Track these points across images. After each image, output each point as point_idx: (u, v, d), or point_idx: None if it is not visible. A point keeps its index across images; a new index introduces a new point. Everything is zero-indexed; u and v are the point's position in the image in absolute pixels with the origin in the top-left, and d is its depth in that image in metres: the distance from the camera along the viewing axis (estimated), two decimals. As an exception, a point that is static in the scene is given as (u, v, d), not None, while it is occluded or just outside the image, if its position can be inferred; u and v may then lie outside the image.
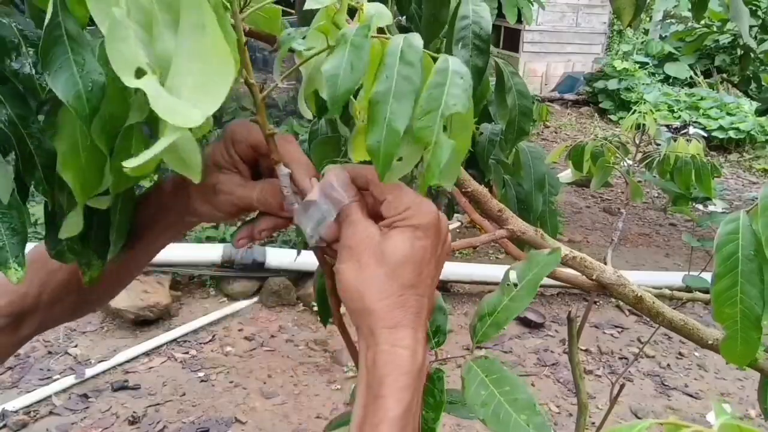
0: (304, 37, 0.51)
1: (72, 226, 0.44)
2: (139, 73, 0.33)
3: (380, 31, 0.48)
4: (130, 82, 0.32)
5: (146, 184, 0.72)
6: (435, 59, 0.47)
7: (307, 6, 0.47)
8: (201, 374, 2.76)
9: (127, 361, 2.79)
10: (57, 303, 0.57)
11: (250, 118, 0.51)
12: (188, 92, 0.33)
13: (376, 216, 0.49)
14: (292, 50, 0.53)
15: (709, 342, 0.64)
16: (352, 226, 0.47)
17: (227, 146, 0.52)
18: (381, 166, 0.44)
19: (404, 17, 0.99)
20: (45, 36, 0.36)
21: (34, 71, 0.41)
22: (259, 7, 0.48)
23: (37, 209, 2.90)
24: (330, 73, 0.44)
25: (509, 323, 0.51)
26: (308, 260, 2.56)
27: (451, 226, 4.28)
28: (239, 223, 0.56)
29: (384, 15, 0.47)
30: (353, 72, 0.44)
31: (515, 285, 0.54)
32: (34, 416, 2.42)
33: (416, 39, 0.45)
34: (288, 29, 0.55)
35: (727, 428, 0.33)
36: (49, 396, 2.53)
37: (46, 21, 0.36)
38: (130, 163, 0.33)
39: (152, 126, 0.42)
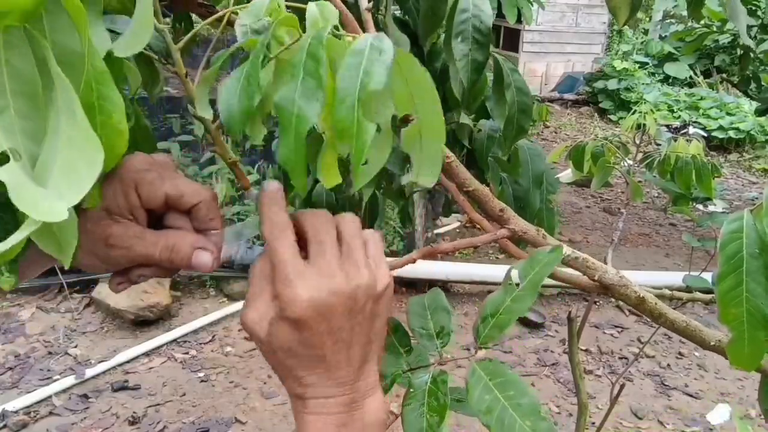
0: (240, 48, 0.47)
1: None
2: (2, 160, 0.30)
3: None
4: None
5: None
6: None
7: (237, 25, 0.43)
8: (201, 374, 2.76)
9: (127, 362, 2.78)
10: None
11: (211, 149, 0.47)
12: (58, 174, 0.30)
13: None
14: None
15: (712, 343, 0.64)
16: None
17: (126, 189, 0.42)
18: (295, 179, 0.40)
19: (402, 11, 0.98)
20: None
21: None
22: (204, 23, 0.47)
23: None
24: (224, 96, 0.40)
25: (512, 325, 0.50)
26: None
27: (450, 227, 4.28)
28: None
29: (329, 15, 0.43)
30: (247, 92, 0.40)
31: (517, 285, 0.53)
32: (34, 416, 2.42)
33: (325, 32, 0.41)
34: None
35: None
36: (49, 396, 2.53)
37: None
38: None
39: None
